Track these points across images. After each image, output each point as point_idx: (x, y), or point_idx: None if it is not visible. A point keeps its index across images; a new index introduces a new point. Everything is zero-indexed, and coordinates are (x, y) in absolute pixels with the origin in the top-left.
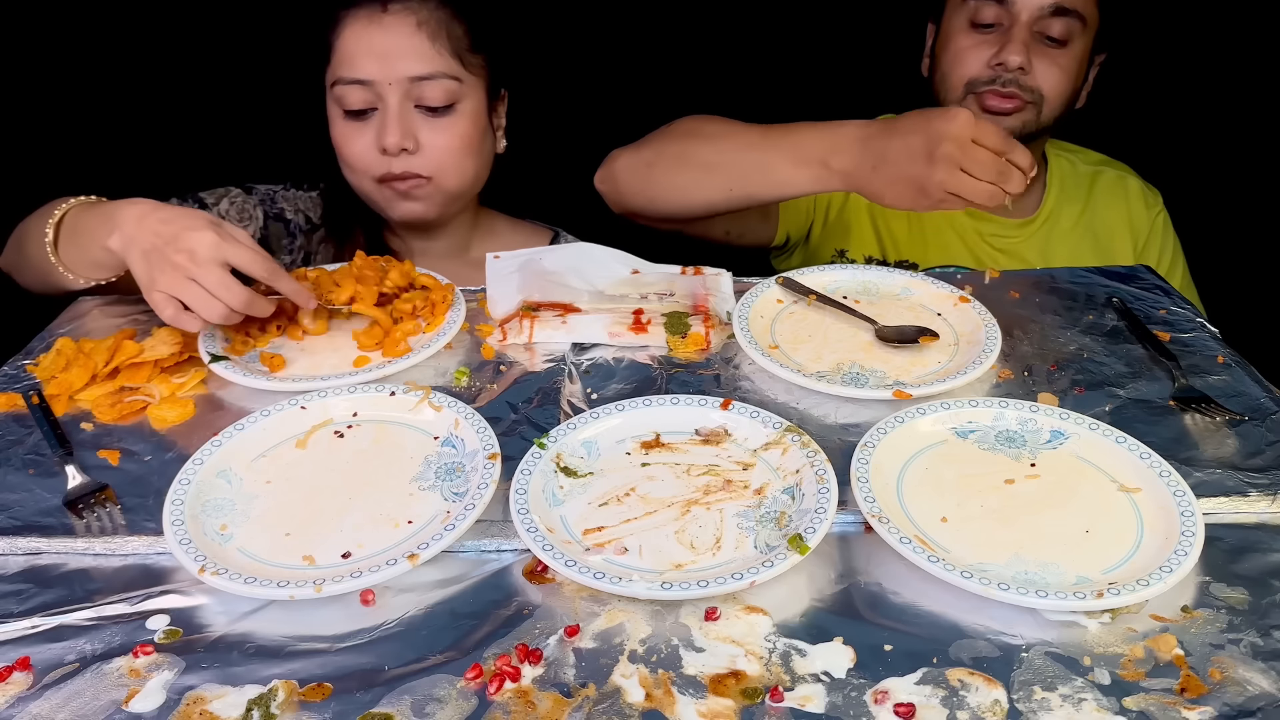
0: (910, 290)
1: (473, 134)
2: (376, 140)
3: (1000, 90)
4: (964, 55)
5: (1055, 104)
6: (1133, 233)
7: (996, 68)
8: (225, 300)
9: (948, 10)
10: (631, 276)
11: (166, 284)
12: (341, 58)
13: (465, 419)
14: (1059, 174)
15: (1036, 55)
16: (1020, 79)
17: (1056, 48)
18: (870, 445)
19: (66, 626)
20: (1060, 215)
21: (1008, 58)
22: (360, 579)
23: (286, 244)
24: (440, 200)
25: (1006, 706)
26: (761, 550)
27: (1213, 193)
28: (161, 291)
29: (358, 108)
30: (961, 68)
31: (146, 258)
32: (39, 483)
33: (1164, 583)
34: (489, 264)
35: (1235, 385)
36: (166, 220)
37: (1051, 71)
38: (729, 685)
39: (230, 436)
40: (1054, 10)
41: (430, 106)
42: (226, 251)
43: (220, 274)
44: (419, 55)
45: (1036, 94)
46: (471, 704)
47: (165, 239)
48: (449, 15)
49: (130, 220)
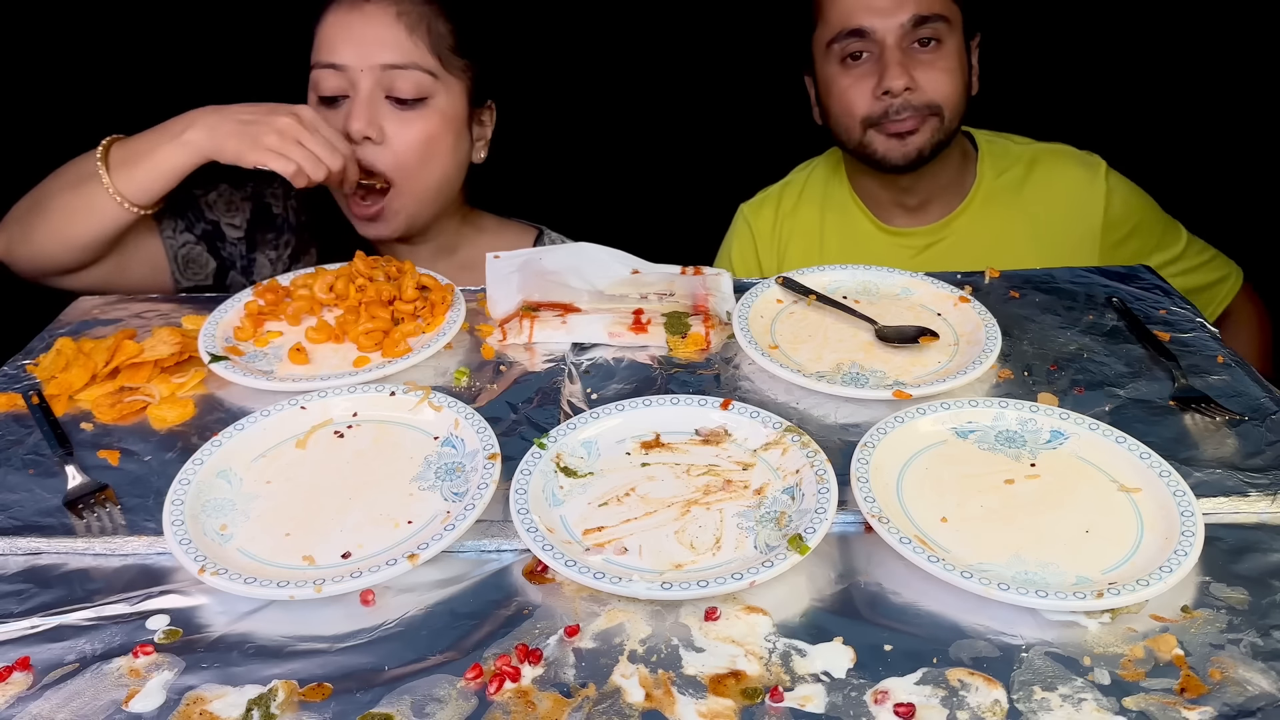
0: (910, 290)
1: (440, 134)
2: (343, 127)
3: (895, 119)
4: (848, 95)
5: (953, 106)
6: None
7: (884, 97)
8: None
9: (817, 59)
10: (631, 276)
11: (275, 143)
12: (320, 43)
13: (465, 419)
14: (990, 161)
15: (916, 68)
16: (910, 99)
17: (933, 52)
18: (870, 445)
19: (66, 626)
20: (992, 204)
21: (891, 84)
22: (360, 579)
23: (272, 239)
24: (402, 217)
25: (1006, 706)
26: (761, 550)
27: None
28: (271, 150)
29: (330, 94)
30: (852, 108)
31: (244, 128)
32: (39, 483)
33: (1164, 583)
34: (489, 264)
35: (1235, 385)
36: (250, 106)
37: (937, 78)
38: (729, 685)
39: (230, 436)
40: (915, 22)
41: (400, 98)
42: (320, 124)
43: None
44: (394, 44)
45: (933, 105)
46: (471, 704)
47: (265, 111)
48: (434, 12)
49: (208, 113)
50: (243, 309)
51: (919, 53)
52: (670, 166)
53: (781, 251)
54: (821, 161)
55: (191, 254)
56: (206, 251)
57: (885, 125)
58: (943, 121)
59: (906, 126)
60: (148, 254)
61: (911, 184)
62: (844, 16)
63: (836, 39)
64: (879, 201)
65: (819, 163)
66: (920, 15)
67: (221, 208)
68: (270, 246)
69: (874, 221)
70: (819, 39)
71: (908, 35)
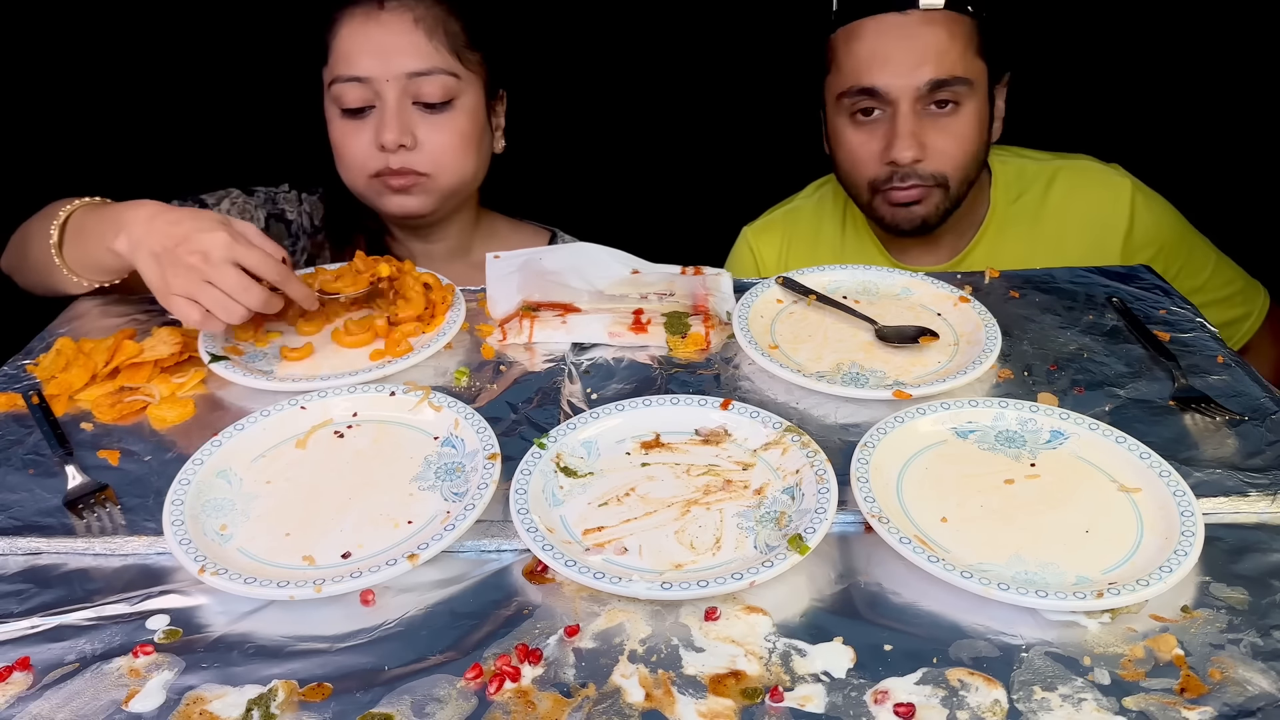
0: (910, 290)
1: (471, 130)
2: (375, 137)
3: (900, 186)
4: (856, 155)
5: (961, 173)
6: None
7: (890, 165)
8: (243, 302)
9: (828, 106)
10: (631, 276)
11: (182, 287)
12: (339, 56)
13: (465, 419)
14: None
15: (928, 133)
16: (917, 170)
17: (949, 115)
18: (870, 445)
19: (66, 626)
20: (1007, 232)
21: (898, 155)
22: (360, 579)
23: (289, 245)
24: (436, 196)
25: (1006, 706)
26: (761, 550)
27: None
28: (179, 295)
29: (356, 106)
30: (859, 169)
31: (158, 260)
32: (39, 483)
33: (1164, 583)
34: (489, 264)
35: (1235, 385)
36: (175, 221)
37: (948, 144)
38: (729, 685)
39: (230, 436)
40: (932, 86)
41: (428, 103)
42: (238, 252)
43: (236, 275)
44: (416, 51)
45: (938, 177)
46: (471, 704)
47: (176, 240)
48: (445, 12)
49: (138, 222)
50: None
51: (934, 114)
52: (681, 169)
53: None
54: (833, 186)
55: None
56: None
57: (889, 193)
58: (948, 192)
59: (910, 196)
60: None
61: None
62: (857, 72)
63: (847, 93)
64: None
65: (828, 188)
66: (939, 79)
67: (234, 216)
68: (286, 251)
69: (886, 256)
70: (831, 86)
71: (923, 99)
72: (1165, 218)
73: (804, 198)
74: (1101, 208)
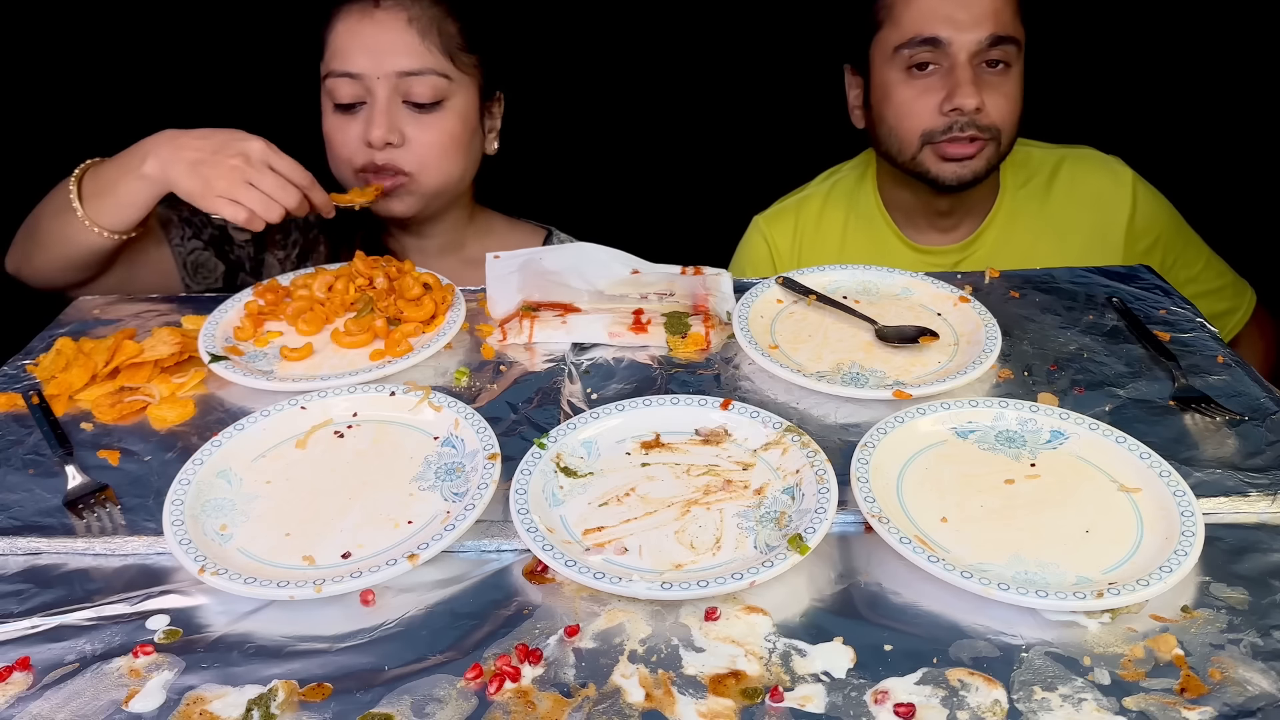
0: (910, 290)
1: (459, 132)
2: (363, 133)
3: (959, 135)
4: (911, 107)
5: (1010, 131)
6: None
7: (951, 114)
8: (282, 201)
9: (877, 60)
10: (631, 276)
11: (226, 188)
12: (334, 51)
13: (465, 419)
14: (1012, 171)
15: (985, 89)
16: (976, 119)
17: (1001, 75)
18: (870, 445)
19: (66, 626)
20: (1017, 216)
21: (963, 102)
22: (360, 579)
23: (280, 239)
24: (419, 198)
25: (1006, 706)
26: (761, 550)
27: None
28: (223, 196)
29: (347, 101)
30: (912, 120)
31: (195, 168)
32: (39, 483)
33: (1164, 583)
34: (489, 264)
35: (1235, 385)
36: (204, 135)
37: (1002, 102)
38: (729, 685)
39: (230, 436)
40: (992, 41)
41: (418, 103)
42: (272, 158)
43: (274, 177)
44: (409, 51)
45: (994, 130)
46: (471, 704)
47: (214, 148)
48: (442, 13)
49: (163, 144)
50: (243, 309)
51: (987, 73)
52: (681, 167)
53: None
54: (849, 171)
55: (200, 259)
56: (214, 256)
57: (943, 145)
58: (999, 146)
59: (967, 150)
60: (156, 263)
61: (954, 202)
62: (919, 22)
63: (908, 44)
64: (910, 215)
65: (844, 173)
66: (998, 35)
67: None
68: (279, 246)
69: (900, 237)
70: (884, 41)
71: (982, 53)
72: (1162, 207)
73: (815, 186)
74: (1105, 195)
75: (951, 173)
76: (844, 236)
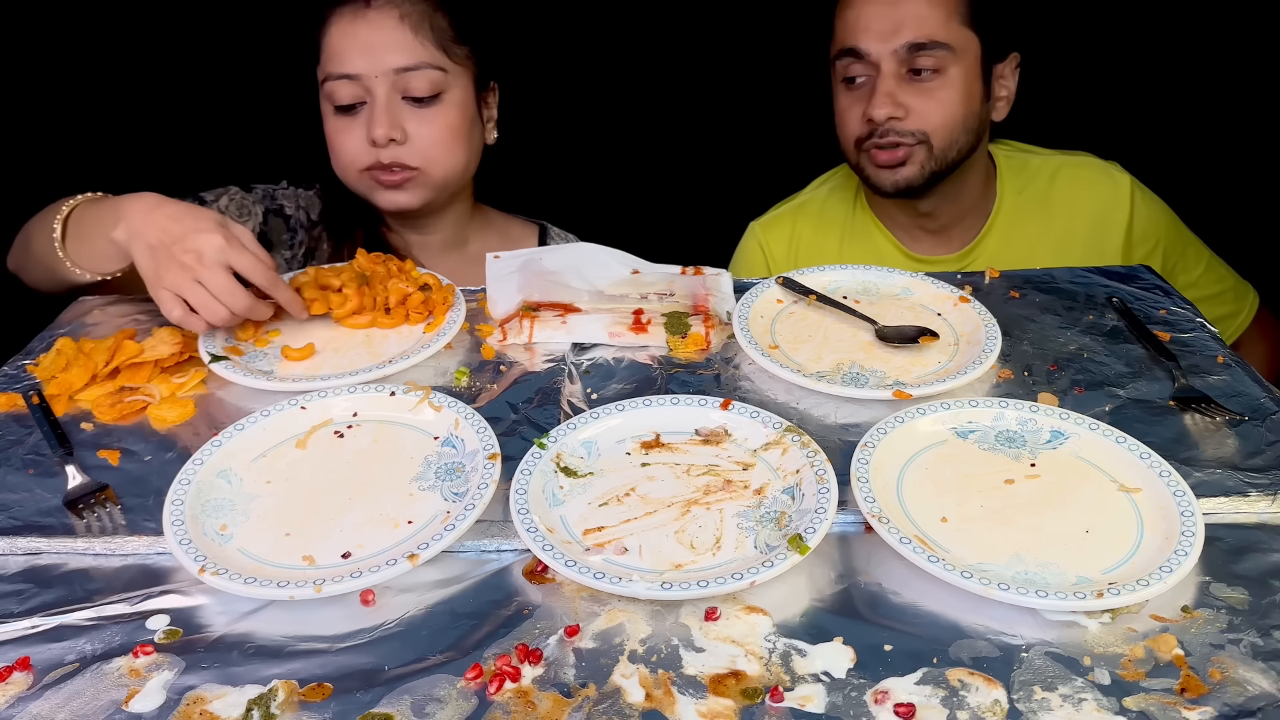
0: (910, 290)
1: (460, 123)
2: (366, 133)
3: (880, 142)
4: (844, 116)
5: (946, 135)
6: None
7: (869, 123)
8: (229, 305)
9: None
10: (631, 276)
11: (172, 282)
12: (330, 54)
13: (465, 419)
14: (1010, 178)
15: (911, 95)
16: (896, 127)
17: (931, 80)
18: (870, 445)
19: (66, 626)
20: (1016, 224)
21: (873, 112)
22: (360, 579)
23: (287, 239)
24: (427, 190)
25: (1006, 706)
26: (761, 550)
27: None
28: (168, 290)
29: (347, 103)
30: (846, 128)
31: (153, 253)
32: (39, 483)
33: (1164, 583)
34: (489, 264)
35: (1235, 385)
36: (174, 218)
37: (929, 106)
38: (729, 685)
39: (230, 436)
40: (910, 48)
41: (416, 97)
42: (231, 256)
43: (225, 279)
44: (403, 47)
45: (919, 135)
46: (471, 704)
47: (173, 237)
48: (431, 7)
49: (137, 213)
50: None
51: (914, 81)
52: (678, 166)
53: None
54: (841, 179)
55: None
56: None
57: (872, 152)
58: (931, 151)
59: (893, 156)
60: None
61: (932, 208)
62: (843, 34)
63: (838, 56)
64: (900, 224)
65: (836, 180)
66: (916, 42)
67: (234, 212)
68: (285, 246)
69: (898, 246)
70: (831, 52)
71: (904, 62)
72: (1161, 212)
73: (811, 191)
74: (1103, 201)
75: (887, 179)
76: (841, 246)
